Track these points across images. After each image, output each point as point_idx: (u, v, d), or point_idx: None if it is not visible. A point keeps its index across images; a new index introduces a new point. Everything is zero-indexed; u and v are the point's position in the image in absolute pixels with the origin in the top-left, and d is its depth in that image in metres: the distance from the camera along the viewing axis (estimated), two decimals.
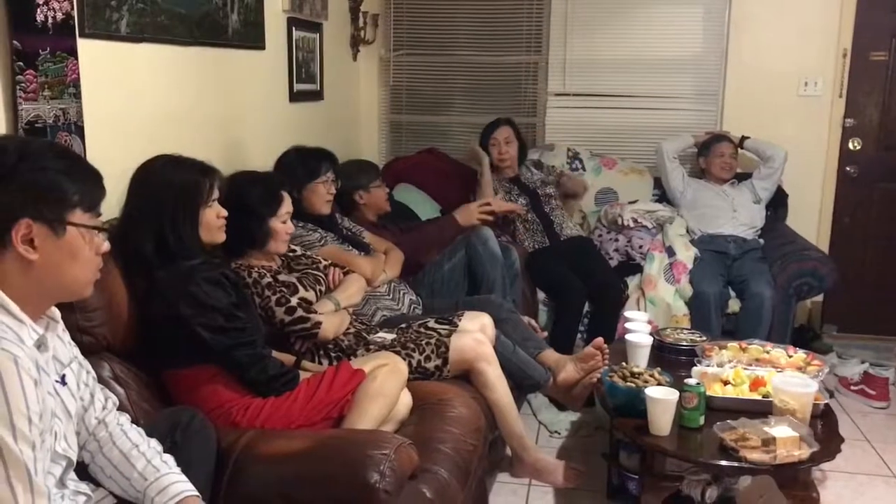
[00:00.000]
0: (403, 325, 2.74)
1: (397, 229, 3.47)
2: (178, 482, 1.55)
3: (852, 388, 3.72)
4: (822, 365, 2.70)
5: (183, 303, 1.93)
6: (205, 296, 1.94)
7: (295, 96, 3.57)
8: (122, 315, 1.95)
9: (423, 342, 2.57)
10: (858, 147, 4.35)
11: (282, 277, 2.42)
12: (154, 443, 1.63)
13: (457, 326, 2.67)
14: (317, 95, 3.87)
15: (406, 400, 2.29)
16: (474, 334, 2.62)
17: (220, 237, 2.12)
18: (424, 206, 4.04)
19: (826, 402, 2.48)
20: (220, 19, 2.88)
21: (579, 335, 3.68)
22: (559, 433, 3.22)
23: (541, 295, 3.79)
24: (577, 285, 3.66)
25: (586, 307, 3.71)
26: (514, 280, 3.40)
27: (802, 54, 4.26)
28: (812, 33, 4.23)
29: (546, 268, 3.79)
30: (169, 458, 1.61)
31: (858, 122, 4.33)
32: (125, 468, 1.56)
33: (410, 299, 3.05)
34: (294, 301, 2.35)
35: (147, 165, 2.10)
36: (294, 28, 3.50)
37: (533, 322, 3.20)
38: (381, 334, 2.65)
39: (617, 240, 4.04)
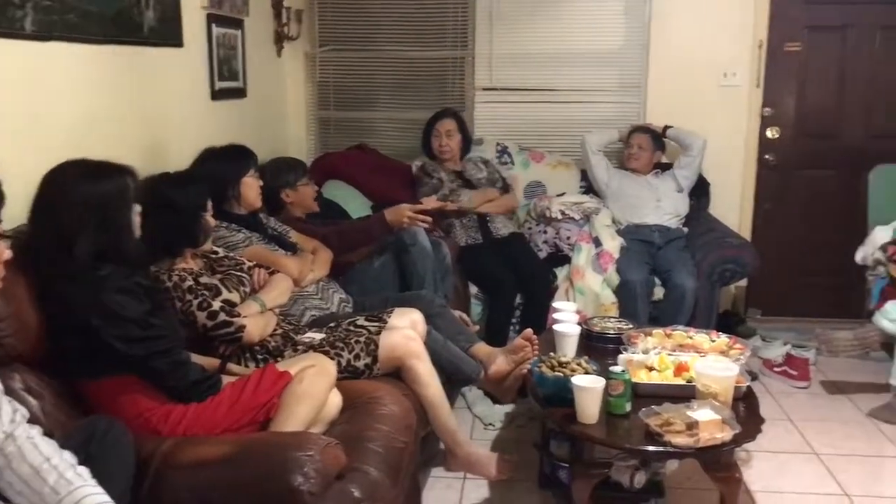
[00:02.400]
0: (332, 325, 2.72)
1: (326, 227, 3.43)
2: (92, 495, 1.50)
3: (775, 369, 3.84)
4: (744, 349, 2.77)
5: (94, 315, 1.87)
6: (117, 306, 1.88)
7: (217, 94, 3.49)
8: (32, 324, 1.88)
9: (353, 341, 2.55)
10: (777, 135, 4.49)
11: (204, 280, 2.37)
12: (68, 455, 1.57)
13: (386, 323, 2.66)
14: (240, 93, 3.80)
15: (335, 400, 2.27)
16: (404, 331, 2.62)
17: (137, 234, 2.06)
18: (355, 203, 4.01)
19: (747, 384, 2.54)
20: (134, 16, 2.80)
21: (512, 327, 3.72)
22: (493, 425, 3.25)
23: (473, 289, 3.81)
24: (509, 278, 3.70)
25: (518, 299, 3.75)
26: (446, 275, 3.40)
27: (721, 46, 4.36)
28: (729, 26, 4.34)
29: (478, 262, 3.81)
30: (84, 470, 1.56)
31: (776, 112, 4.47)
32: (36, 483, 1.50)
33: (340, 298, 3.02)
34: (216, 305, 2.30)
35: (59, 175, 1.97)
36: (214, 24, 3.43)
37: (464, 316, 3.22)
38: (309, 334, 2.62)
39: (545, 232, 4.08)
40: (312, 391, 2.13)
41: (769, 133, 4.49)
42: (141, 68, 2.86)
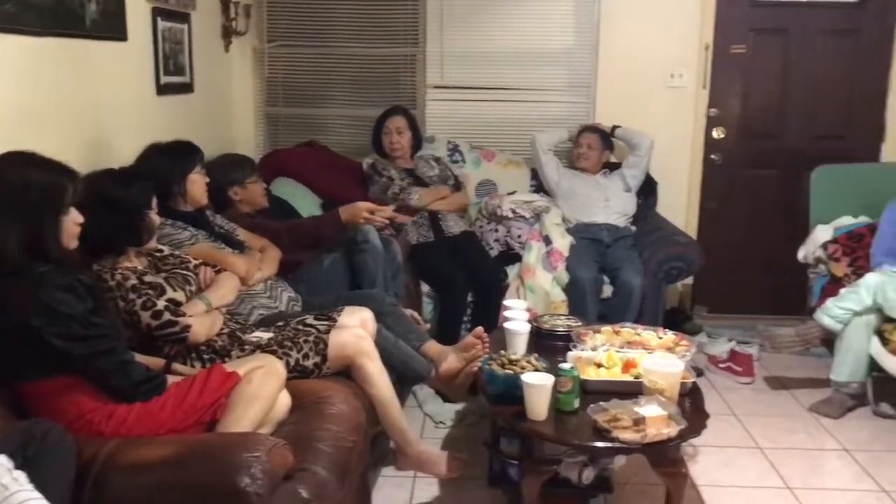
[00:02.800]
0: (281, 323, 2.69)
1: (276, 224, 3.39)
2: (30, 500, 1.46)
3: (720, 365, 3.92)
4: (690, 345, 2.81)
5: (33, 313, 1.81)
6: (57, 304, 1.83)
7: (163, 89, 3.43)
8: None
9: (301, 340, 2.52)
10: (722, 136, 4.58)
11: (148, 278, 2.32)
12: (3, 459, 1.53)
13: (336, 322, 2.64)
14: (187, 88, 3.73)
15: (285, 400, 2.24)
16: (354, 329, 2.60)
17: (74, 244, 2.00)
18: (304, 200, 3.97)
19: (693, 380, 2.58)
20: (75, 8, 2.72)
21: (463, 325, 3.72)
22: (444, 423, 3.25)
23: (425, 287, 3.80)
24: (460, 277, 3.70)
25: (470, 297, 3.75)
26: (397, 273, 3.39)
27: (668, 48, 4.43)
28: (677, 27, 4.41)
29: (429, 260, 3.81)
30: (20, 474, 1.51)
31: (721, 112, 4.55)
32: None
33: (289, 296, 2.99)
34: (161, 304, 2.26)
35: None
36: (159, 18, 3.36)
37: (415, 314, 3.21)
38: (257, 333, 2.59)
39: (497, 230, 4.10)
40: (261, 392, 2.11)
41: (715, 133, 4.57)
42: (83, 62, 2.79)
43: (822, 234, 3.98)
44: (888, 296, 3.28)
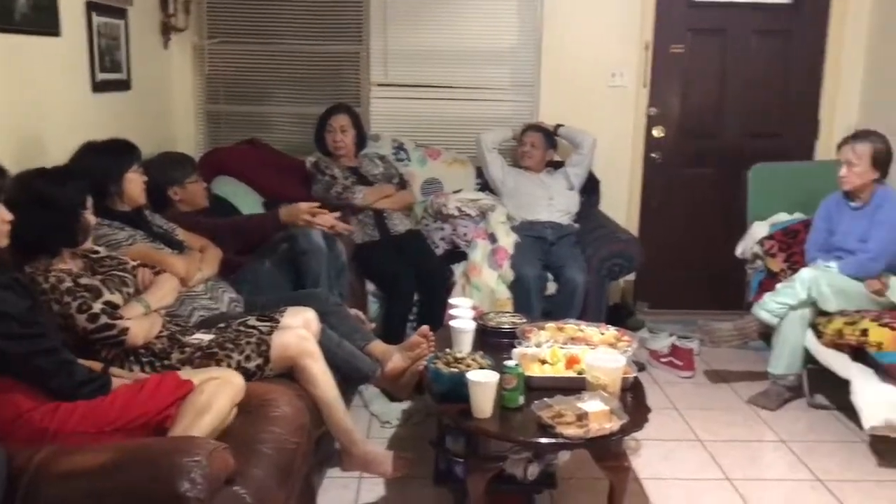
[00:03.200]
0: (222, 325, 2.64)
1: (215, 224, 3.33)
2: None
3: (662, 360, 3.99)
4: (631, 341, 2.85)
5: None
6: None
7: (98, 86, 3.34)
8: None
9: (243, 341, 2.48)
10: (662, 134, 4.66)
11: (83, 281, 2.26)
12: None
13: (278, 323, 2.61)
14: (124, 85, 3.65)
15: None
16: (297, 330, 2.57)
17: (3, 242, 1.94)
18: (246, 199, 3.91)
19: (635, 375, 2.62)
20: (5, 2, 2.63)
21: (410, 324, 3.72)
22: (390, 423, 3.24)
23: (370, 286, 3.79)
24: (406, 275, 3.69)
25: (416, 296, 3.75)
26: (341, 272, 3.37)
27: (609, 47, 4.49)
28: (617, 27, 4.47)
29: (374, 259, 3.79)
30: None
31: (661, 111, 4.63)
32: None
33: (230, 297, 2.94)
34: (97, 307, 2.20)
35: None
36: (94, 13, 3.28)
37: (360, 314, 3.19)
38: (197, 335, 2.54)
39: (443, 229, 4.11)
40: (214, 403, 2.06)
41: (655, 132, 4.65)
42: (13, 57, 2.70)
43: (758, 230, 4.09)
44: (822, 290, 3.37)
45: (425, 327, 2.94)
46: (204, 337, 2.53)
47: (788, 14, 4.57)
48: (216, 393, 2.08)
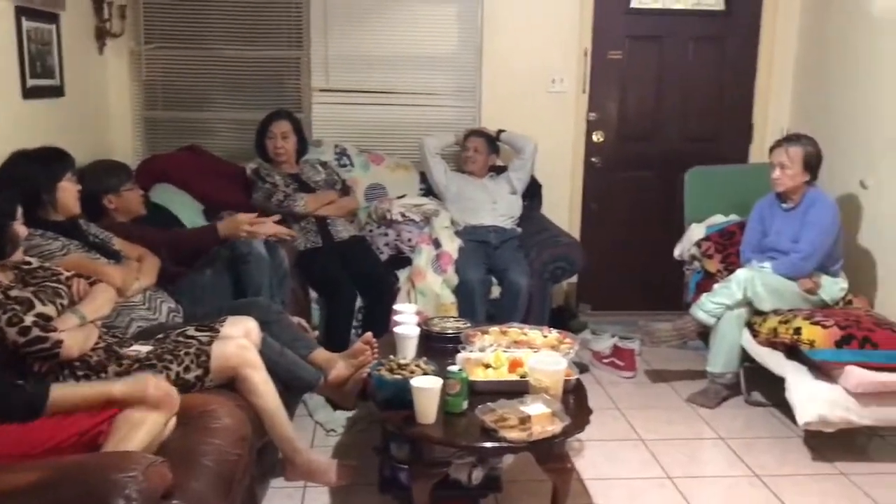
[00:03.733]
0: (161, 336, 2.59)
1: (153, 235, 3.27)
2: None
3: (604, 360, 4.05)
4: (573, 343, 2.89)
5: None
6: None
7: (29, 92, 3.25)
8: None
9: (182, 352, 2.44)
10: (601, 139, 4.73)
11: (14, 293, 2.19)
12: None
13: (218, 333, 2.57)
14: (57, 91, 3.56)
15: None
16: (237, 340, 2.54)
17: None
18: (185, 207, 3.84)
19: (577, 377, 2.66)
20: None
21: (354, 331, 3.70)
22: (335, 431, 3.22)
23: (313, 294, 3.76)
24: (348, 282, 3.68)
25: (360, 303, 3.74)
26: (283, 280, 3.33)
27: (549, 53, 4.55)
28: (557, 33, 4.53)
29: (317, 266, 3.76)
30: None
31: (600, 117, 4.71)
32: None
33: (169, 307, 2.89)
34: (29, 320, 2.14)
35: None
36: (23, 18, 3.19)
37: (303, 322, 3.16)
38: (135, 347, 2.49)
39: (387, 234, 4.10)
40: (148, 417, 2.01)
41: (595, 137, 4.72)
42: None
43: (696, 232, 4.18)
44: (757, 290, 3.47)
45: (369, 334, 2.94)
46: (142, 348, 2.48)
47: (722, 21, 4.69)
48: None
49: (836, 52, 4.27)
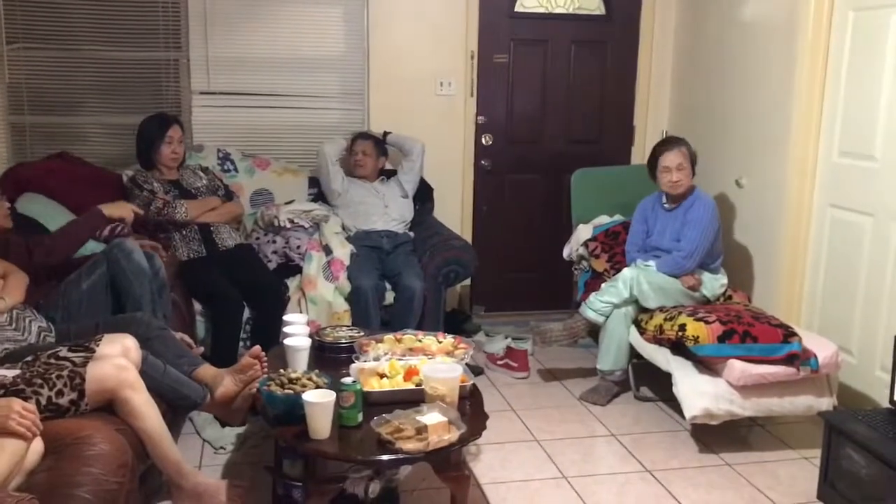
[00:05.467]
0: (30, 358, 2.41)
1: (23, 246, 3.05)
2: None
3: (498, 362, 4.07)
4: (468, 347, 2.88)
5: None
6: None
7: None
8: None
9: (54, 375, 2.27)
10: (490, 142, 4.76)
11: None
12: None
13: (94, 353, 2.41)
14: None
15: (35, 447, 2.01)
16: (115, 360, 2.38)
17: None
18: (56, 218, 3.57)
19: (472, 382, 2.65)
20: None
21: (243, 344, 3.57)
22: (224, 449, 3.10)
23: (197, 306, 3.61)
24: (234, 293, 3.55)
25: (248, 314, 3.61)
26: (162, 290, 3.17)
27: (436, 56, 4.54)
28: (443, 37, 4.53)
29: (201, 277, 3.61)
30: None
31: (489, 119, 4.74)
32: None
33: (39, 326, 2.70)
34: None
35: None
36: None
37: (186, 337, 3.00)
38: (0, 371, 2.30)
39: (275, 241, 3.98)
40: (6, 443, 1.86)
41: (484, 140, 4.74)
42: None
43: (583, 232, 4.26)
44: (642, 288, 3.56)
45: (257, 348, 2.82)
46: (8, 373, 2.29)
47: (603, 25, 4.81)
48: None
49: (711, 57, 4.46)
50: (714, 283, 3.71)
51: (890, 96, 3.32)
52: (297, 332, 2.87)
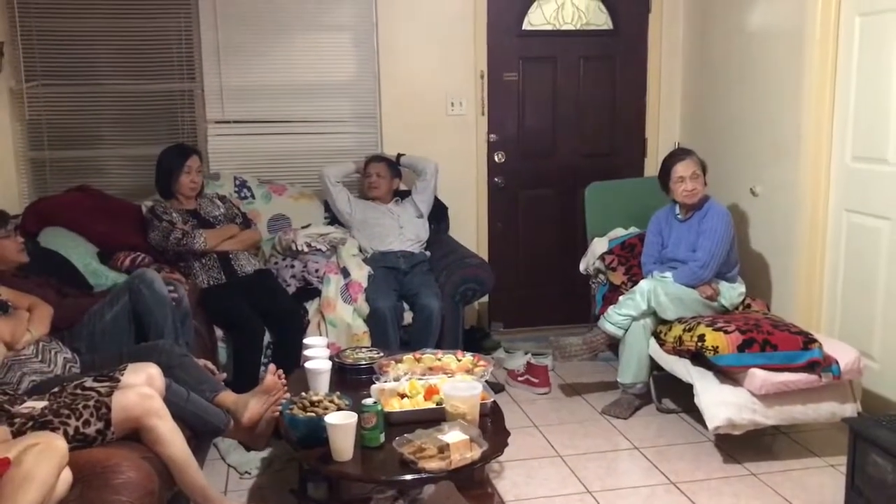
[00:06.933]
0: (56, 389, 2.45)
1: (45, 279, 3.11)
2: None
3: (519, 378, 4.07)
4: (487, 364, 2.90)
5: None
6: None
7: None
8: None
9: (81, 405, 2.31)
10: (503, 159, 4.79)
11: None
12: None
13: (119, 382, 2.44)
14: None
15: (65, 476, 2.04)
16: (139, 388, 2.42)
17: None
18: (78, 250, 3.67)
19: (492, 399, 2.66)
20: None
21: (264, 368, 3.60)
22: (249, 473, 3.12)
23: (219, 333, 3.64)
24: (255, 318, 3.59)
25: (269, 338, 3.65)
26: (185, 319, 3.22)
27: (447, 77, 4.58)
28: (453, 57, 4.58)
29: (222, 303, 3.66)
30: None
31: (500, 137, 4.77)
32: None
33: (65, 358, 2.74)
34: None
35: None
36: None
37: (209, 364, 3.04)
38: (28, 403, 2.34)
39: (293, 266, 4.02)
40: (36, 473, 1.90)
41: (496, 157, 4.77)
42: None
43: (599, 246, 4.27)
44: (660, 300, 3.56)
45: (272, 366, 2.85)
46: (36, 404, 2.34)
47: (611, 40, 4.83)
48: (37, 462, 1.92)
49: (719, 67, 4.47)
50: (732, 293, 3.70)
51: None
52: (317, 354, 2.90)
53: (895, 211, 3.37)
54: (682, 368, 3.41)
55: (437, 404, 2.55)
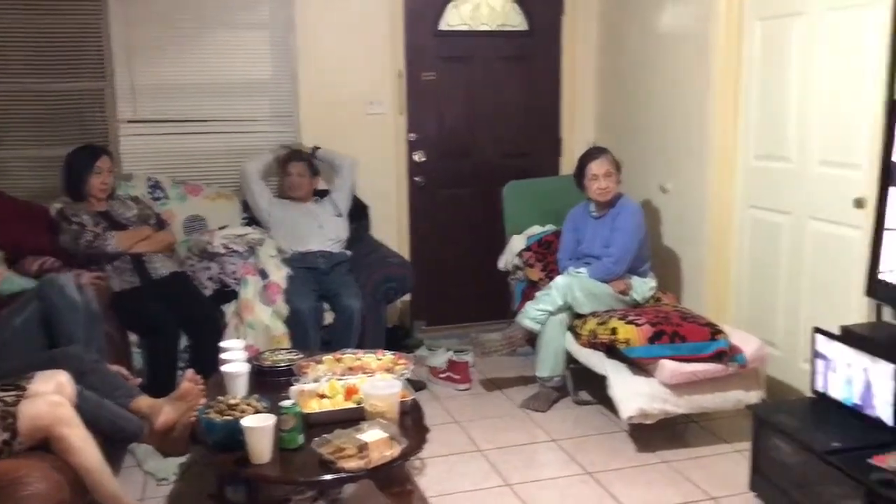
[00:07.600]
0: None
1: None
2: None
3: (440, 375, 4.11)
4: (408, 363, 2.92)
5: None
6: None
7: None
8: None
9: None
10: (423, 159, 4.82)
11: None
12: None
13: (26, 391, 2.37)
14: None
15: None
16: (48, 396, 2.35)
17: None
18: None
19: (413, 397, 2.69)
20: None
21: (181, 373, 3.53)
22: (167, 479, 3.07)
23: (133, 337, 3.56)
24: (169, 322, 3.52)
25: (185, 343, 3.58)
26: (95, 323, 3.12)
27: (365, 76, 4.58)
28: (371, 56, 4.57)
29: (135, 307, 3.57)
30: None
31: (420, 136, 4.80)
32: None
33: None
34: None
35: None
36: None
37: (122, 369, 2.97)
38: None
39: (210, 268, 3.95)
40: None
41: (416, 157, 4.80)
42: None
43: (517, 243, 4.35)
44: (575, 295, 3.65)
45: (191, 371, 2.81)
46: None
47: (526, 41, 4.92)
48: None
49: (631, 68, 4.61)
50: (643, 287, 3.82)
51: (799, 99, 3.49)
52: (234, 357, 2.87)
53: (796, 206, 3.54)
54: (596, 361, 3.51)
55: (356, 404, 2.56)
